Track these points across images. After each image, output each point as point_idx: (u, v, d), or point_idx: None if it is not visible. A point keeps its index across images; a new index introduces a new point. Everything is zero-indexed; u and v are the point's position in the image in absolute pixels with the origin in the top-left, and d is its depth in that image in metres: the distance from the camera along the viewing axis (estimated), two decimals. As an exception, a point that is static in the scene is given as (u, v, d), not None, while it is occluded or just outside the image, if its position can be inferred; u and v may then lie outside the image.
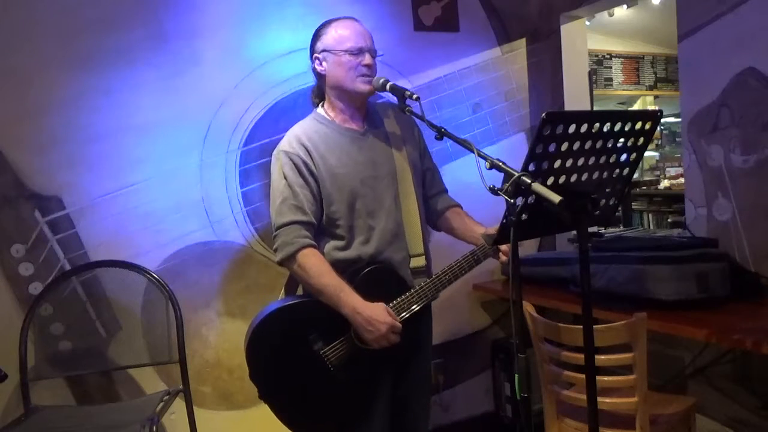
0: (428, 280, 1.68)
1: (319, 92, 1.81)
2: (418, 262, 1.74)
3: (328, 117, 1.75)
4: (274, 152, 1.73)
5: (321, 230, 1.72)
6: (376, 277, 1.67)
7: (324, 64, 1.72)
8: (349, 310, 1.59)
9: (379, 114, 1.82)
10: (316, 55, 1.73)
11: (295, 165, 1.66)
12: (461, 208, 1.91)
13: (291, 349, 1.64)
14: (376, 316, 1.58)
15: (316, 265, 1.62)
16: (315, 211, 1.68)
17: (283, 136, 1.75)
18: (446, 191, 1.94)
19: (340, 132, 1.73)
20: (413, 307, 1.66)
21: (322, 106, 1.79)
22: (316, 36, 1.74)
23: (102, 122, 2.22)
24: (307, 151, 1.67)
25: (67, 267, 2.18)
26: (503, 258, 1.66)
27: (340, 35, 1.69)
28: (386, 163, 1.75)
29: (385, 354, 1.63)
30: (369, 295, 1.62)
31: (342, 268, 1.67)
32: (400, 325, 1.61)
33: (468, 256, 1.68)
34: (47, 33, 2.13)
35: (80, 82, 2.18)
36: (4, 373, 1.55)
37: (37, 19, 2.12)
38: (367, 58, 1.69)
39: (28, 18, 2.11)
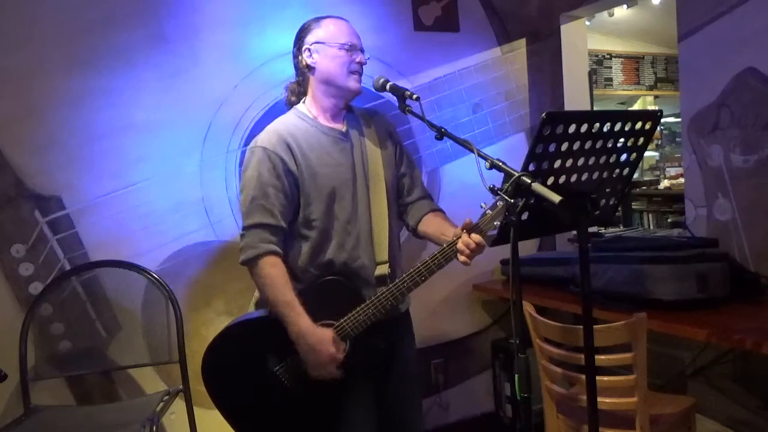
0: (385, 289, 1.58)
1: (299, 89, 1.75)
2: (381, 270, 1.66)
3: (310, 115, 1.70)
4: (250, 145, 1.65)
5: (295, 232, 1.66)
6: (331, 289, 1.62)
7: (315, 56, 1.66)
8: (294, 330, 1.54)
9: (357, 116, 1.78)
10: (306, 47, 1.66)
11: (272, 163, 1.59)
12: (441, 212, 1.81)
13: (246, 369, 1.62)
14: (319, 343, 1.53)
15: (273, 277, 1.57)
16: (287, 215, 1.62)
17: None
18: (427, 197, 1.84)
19: (323, 131, 1.68)
20: (371, 319, 1.58)
21: (303, 102, 1.74)
22: (306, 29, 1.69)
23: (102, 122, 2.22)
24: (289, 148, 1.61)
25: (67, 267, 2.18)
26: (462, 259, 1.50)
27: (334, 30, 1.66)
28: (363, 165, 1.70)
29: (351, 364, 1.59)
30: (323, 305, 1.58)
31: (316, 272, 1.64)
32: (341, 357, 1.55)
33: (428, 261, 1.54)
34: (47, 33, 2.13)
35: (80, 82, 2.18)
36: (4, 373, 1.55)
37: (37, 19, 2.12)
38: (360, 56, 1.67)
39: (28, 18, 2.11)
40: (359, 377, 1.65)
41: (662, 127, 5.98)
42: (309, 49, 1.67)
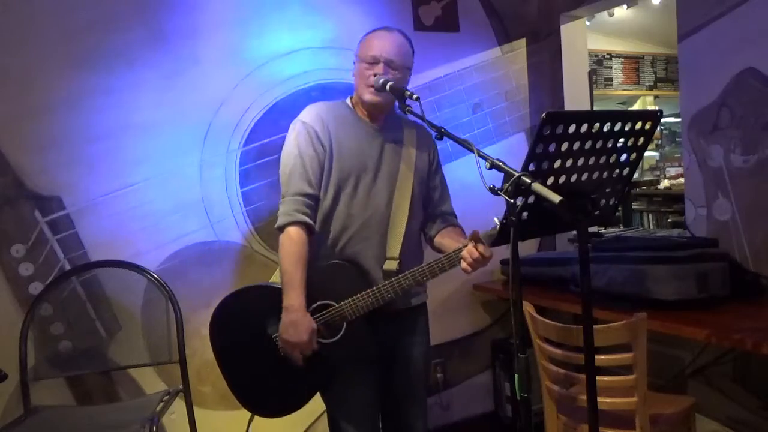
0: (386, 283, 1.64)
1: None
2: (390, 265, 1.72)
3: (351, 107, 1.81)
4: (293, 122, 1.77)
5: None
6: (336, 272, 1.69)
7: (354, 70, 1.78)
8: (286, 304, 1.63)
9: (400, 124, 1.84)
10: (353, 62, 1.79)
11: (309, 135, 1.71)
12: (461, 228, 1.88)
13: (247, 332, 1.74)
14: (300, 325, 1.60)
15: (289, 248, 1.65)
16: (320, 185, 1.72)
17: (284, 136, 1.77)
18: (450, 213, 1.90)
19: (358, 121, 1.78)
20: (369, 307, 1.64)
21: (351, 98, 1.84)
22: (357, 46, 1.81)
23: (102, 122, 2.22)
24: (323, 122, 1.72)
25: (67, 267, 2.18)
26: (464, 266, 1.55)
27: (366, 45, 1.74)
28: (391, 163, 1.77)
29: (346, 345, 1.67)
30: (327, 286, 1.67)
31: (316, 248, 1.71)
32: (311, 348, 1.63)
33: (432, 263, 1.62)
34: (47, 33, 2.13)
35: (80, 82, 2.18)
36: (4, 373, 1.56)
37: (37, 19, 2.12)
38: (378, 67, 1.69)
39: (28, 18, 2.11)
40: (353, 360, 1.70)
41: (662, 127, 5.98)
42: (354, 63, 1.79)
